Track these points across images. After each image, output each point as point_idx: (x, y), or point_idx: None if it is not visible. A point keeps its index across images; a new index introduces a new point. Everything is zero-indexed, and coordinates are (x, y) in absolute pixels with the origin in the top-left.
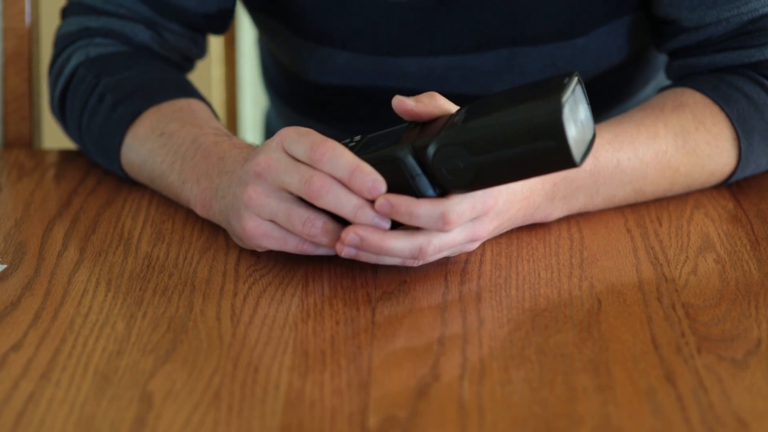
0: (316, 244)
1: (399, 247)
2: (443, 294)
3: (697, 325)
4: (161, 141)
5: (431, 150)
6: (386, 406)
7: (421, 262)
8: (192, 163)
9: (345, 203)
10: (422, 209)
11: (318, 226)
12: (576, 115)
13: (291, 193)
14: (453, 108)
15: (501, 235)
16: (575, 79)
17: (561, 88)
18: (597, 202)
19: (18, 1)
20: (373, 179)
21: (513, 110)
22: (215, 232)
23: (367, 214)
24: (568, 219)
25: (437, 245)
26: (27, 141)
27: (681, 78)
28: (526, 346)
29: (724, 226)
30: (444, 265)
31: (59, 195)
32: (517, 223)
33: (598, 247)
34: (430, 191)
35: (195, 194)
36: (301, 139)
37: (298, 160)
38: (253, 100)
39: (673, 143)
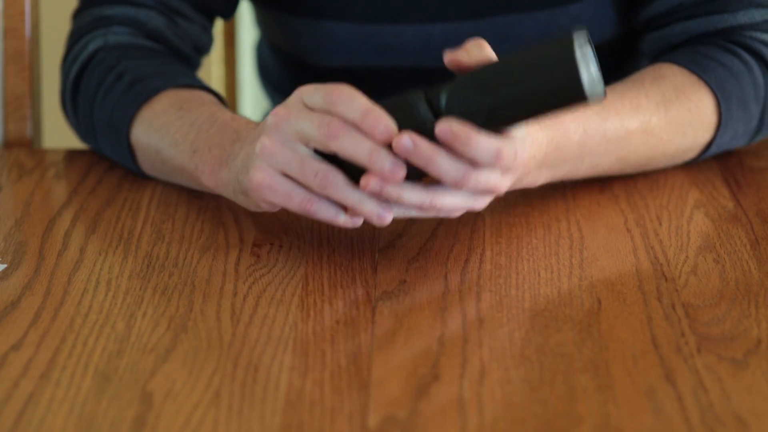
0: (320, 204)
1: (448, 166)
2: (443, 294)
3: (697, 325)
4: (179, 114)
5: (444, 96)
6: (386, 406)
7: (460, 209)
8: (206, 135)
9: (361, 145)
10: (482, 141)
11: (329, 178)
12: (586, 61)
13: (306, 147)
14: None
15: (501, 235)
16: (584, 32)
17: (570, 32)
18: (581, 169)
19: (18, 1)
20: (384, 123)
21: (523, 50)
22: (215, 232)
23: (381, 158)
24: (567, 219)
25: (483, 179)
26: (27, 141)
27: (656, 54)
28: (526, 346)
29: (724, 226)
30: (444, 265)
31: (59, 195)
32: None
33: (598, 247)
34: None
35: (204, 161)
36: (318, 90)
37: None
38: (253, 100)
39: (655, 112)
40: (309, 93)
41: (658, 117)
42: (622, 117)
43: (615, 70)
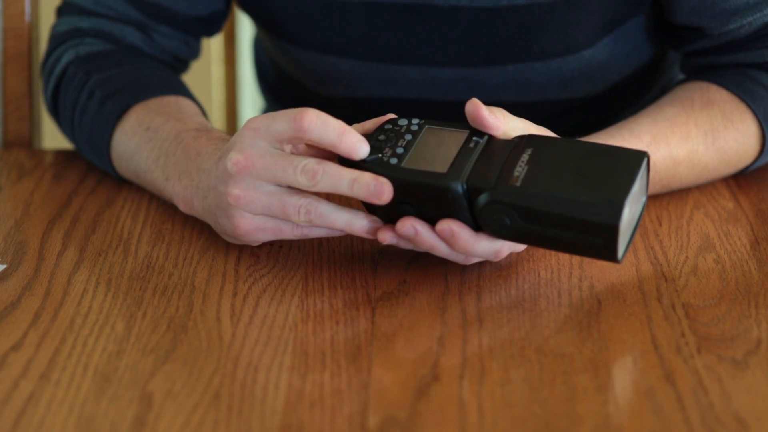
0: (310, 227)
1: (446, 252)
2: (443, 294)
3: (697, 325)
4: (147, 136)
5: (483, 198)
6: (386, 406)
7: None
8: (174, 160)
9: (339, 180)
10: (480, 246)
11: (311, 211)
12: (633, 203)
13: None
14: (520, 129)
15: None
16: (644, 163)
17: (628, 183)
18: None
19: (18, 1)
20: (357, 139)
21: (574, 198)
22: (215, 232)
23: (362, 186)
24: None
25: (510, 247)
26: (27, 141)
27: (700, 71)
28: (526, 346)
29: (724, 226)
30: (444, 265)
31: (59, 195)
32: None
33: None
34: (470, 224)
35: (177, 192)
36: (276, 119)
37: (278, 148)
38: (253, 100)
39: (703, 142)
40: (266, 126)
41: (706, 146)
42: (671, 147)
43: (631, 100)
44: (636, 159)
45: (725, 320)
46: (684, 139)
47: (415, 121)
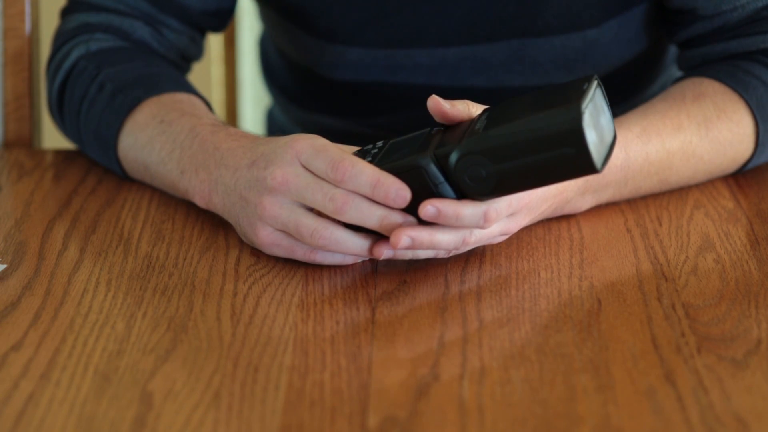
0: (324, 254)
1: (446, 239)
2: (443, 294)
3: (697, 325)
4: (161, 128)
5: (453, 158)
6: (386, 406)
7: (455, 253)
8: (190, 153)
9: (368, 215)
10: (467, 210)
11: (325, 236)
12: (596, 119)
13: (305, 206)
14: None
15: None
16: (594, 83)
17: (581, 93)
18: (624, 193)
19: (18, 2)
20: (396, 188)
21: (533, 118)
22: (215, 232)
23: (392, 223)
24: (568, 219)
25: (477, 237)
26: (27, 141)
27: (694, 67)
28: (526, 346)
29: (724, 226)
30: (444, 265)
31: (59, 195)
32: (546, 216)
33: (598, 247)
34: (453, 197)
35: (194, 185)
36: (319, 155)
37: (316, 175)
38: (253, 100)
39: (696, 132)
40: (309, 157)
41: (699, 137)
42: (664, 138)
43: (634, 87)
44: (585, 78)
45: (725, 320)
46: (676, 129)
47: (379, 144)
